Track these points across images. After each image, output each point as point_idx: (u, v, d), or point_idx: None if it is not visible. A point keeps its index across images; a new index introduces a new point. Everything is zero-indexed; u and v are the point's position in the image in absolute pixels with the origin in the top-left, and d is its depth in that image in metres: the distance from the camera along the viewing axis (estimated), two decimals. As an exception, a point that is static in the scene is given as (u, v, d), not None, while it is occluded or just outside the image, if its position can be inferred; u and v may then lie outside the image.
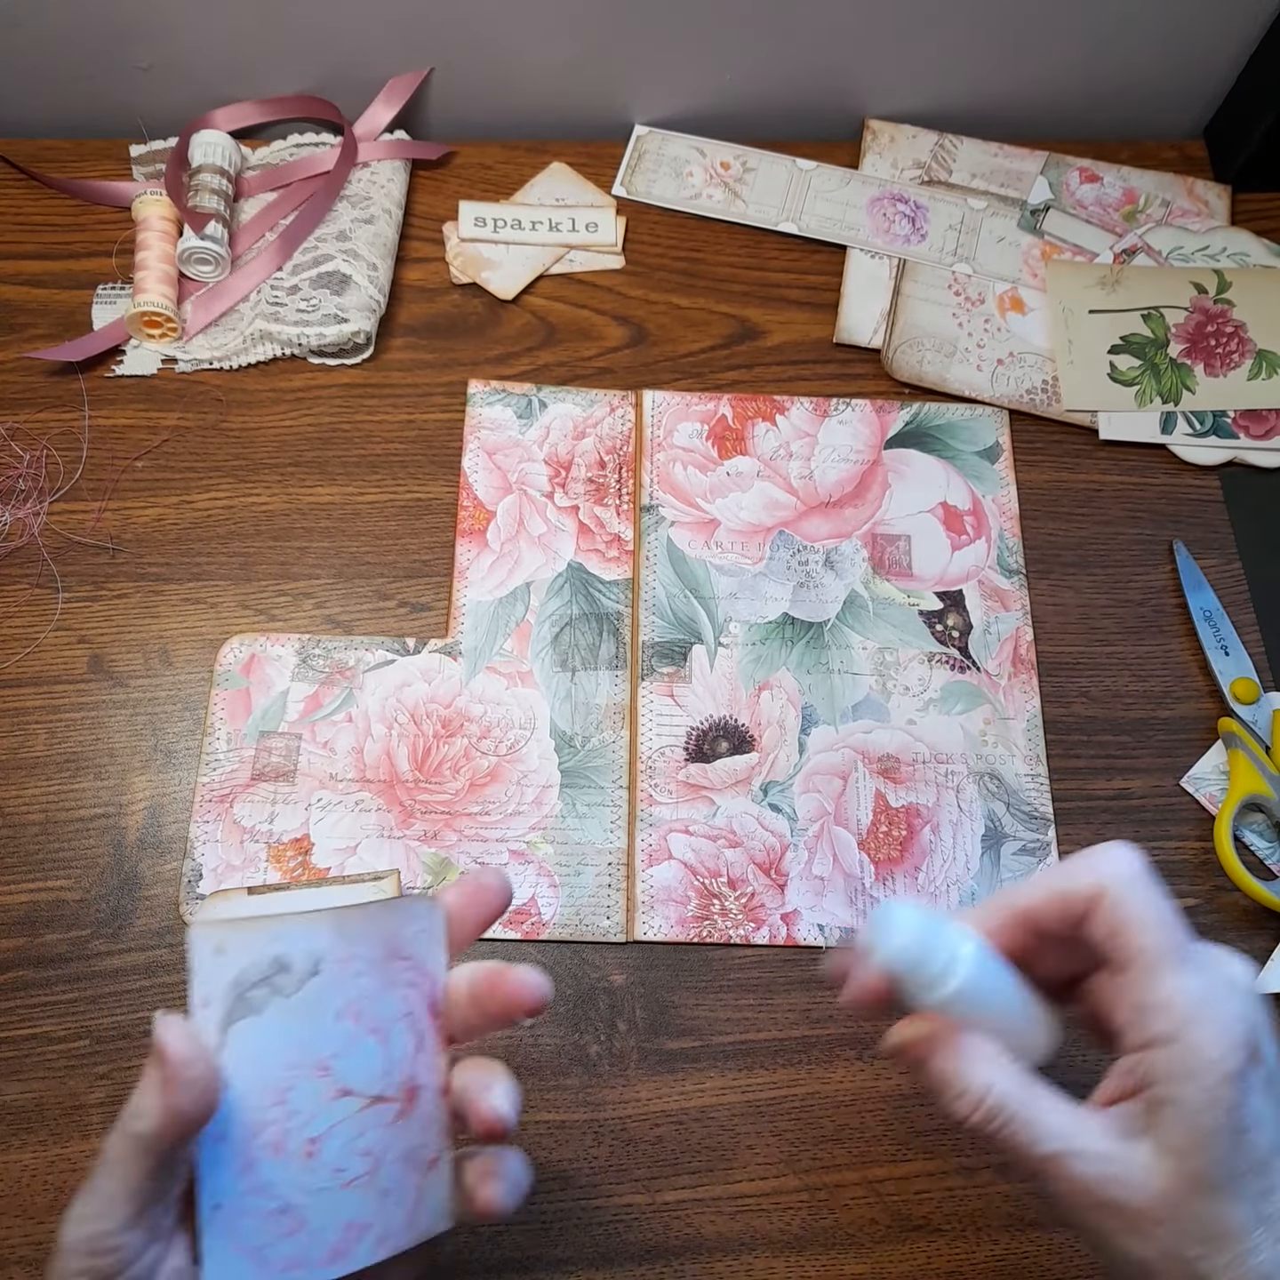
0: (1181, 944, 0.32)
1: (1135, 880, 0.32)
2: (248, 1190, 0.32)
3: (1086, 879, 0.32)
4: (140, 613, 0.58)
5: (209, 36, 0.67)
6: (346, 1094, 0.33)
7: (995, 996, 0.34)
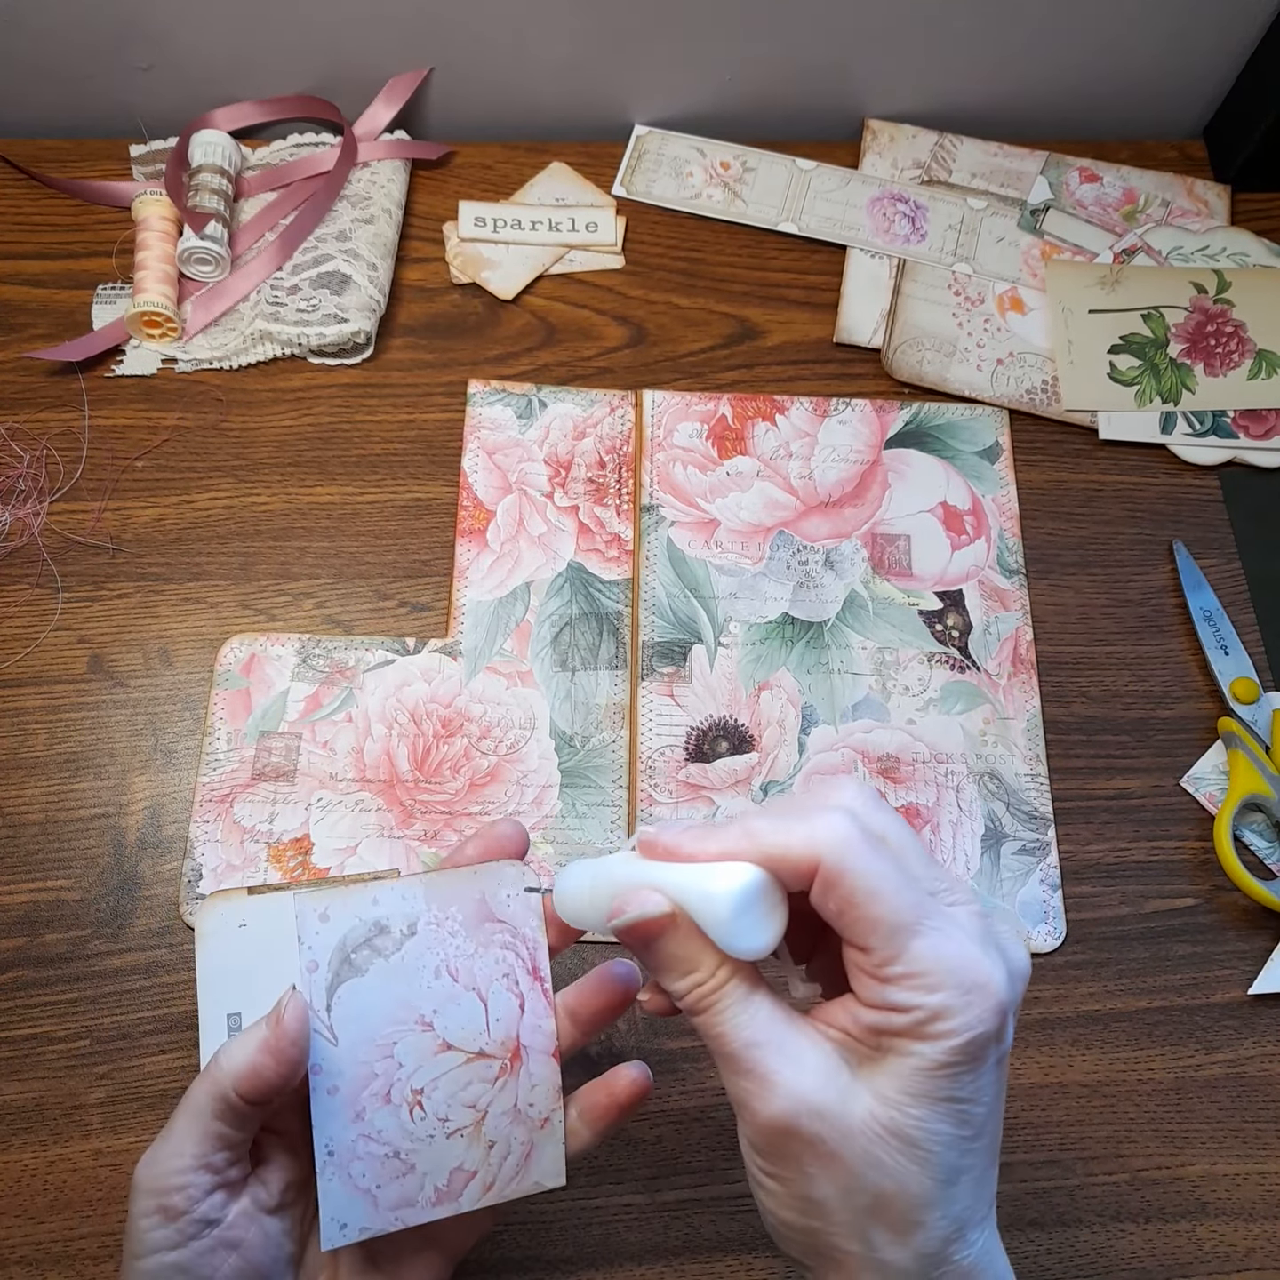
0: (918, 904, 0.29)
1: (852, 847, 0.29)
2: (358, 1136, 0.35)
3: (801, 849, 0.30)
4: (140, 613, 0.58)
5: (209, 36, 0.67)
6: (449, 1048, 0.36)
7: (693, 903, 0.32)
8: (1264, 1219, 0.48)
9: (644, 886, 0.32)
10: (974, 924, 0.30)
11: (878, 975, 0.29)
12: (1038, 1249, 0.47)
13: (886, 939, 0.29)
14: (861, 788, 0.32)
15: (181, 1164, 0.33)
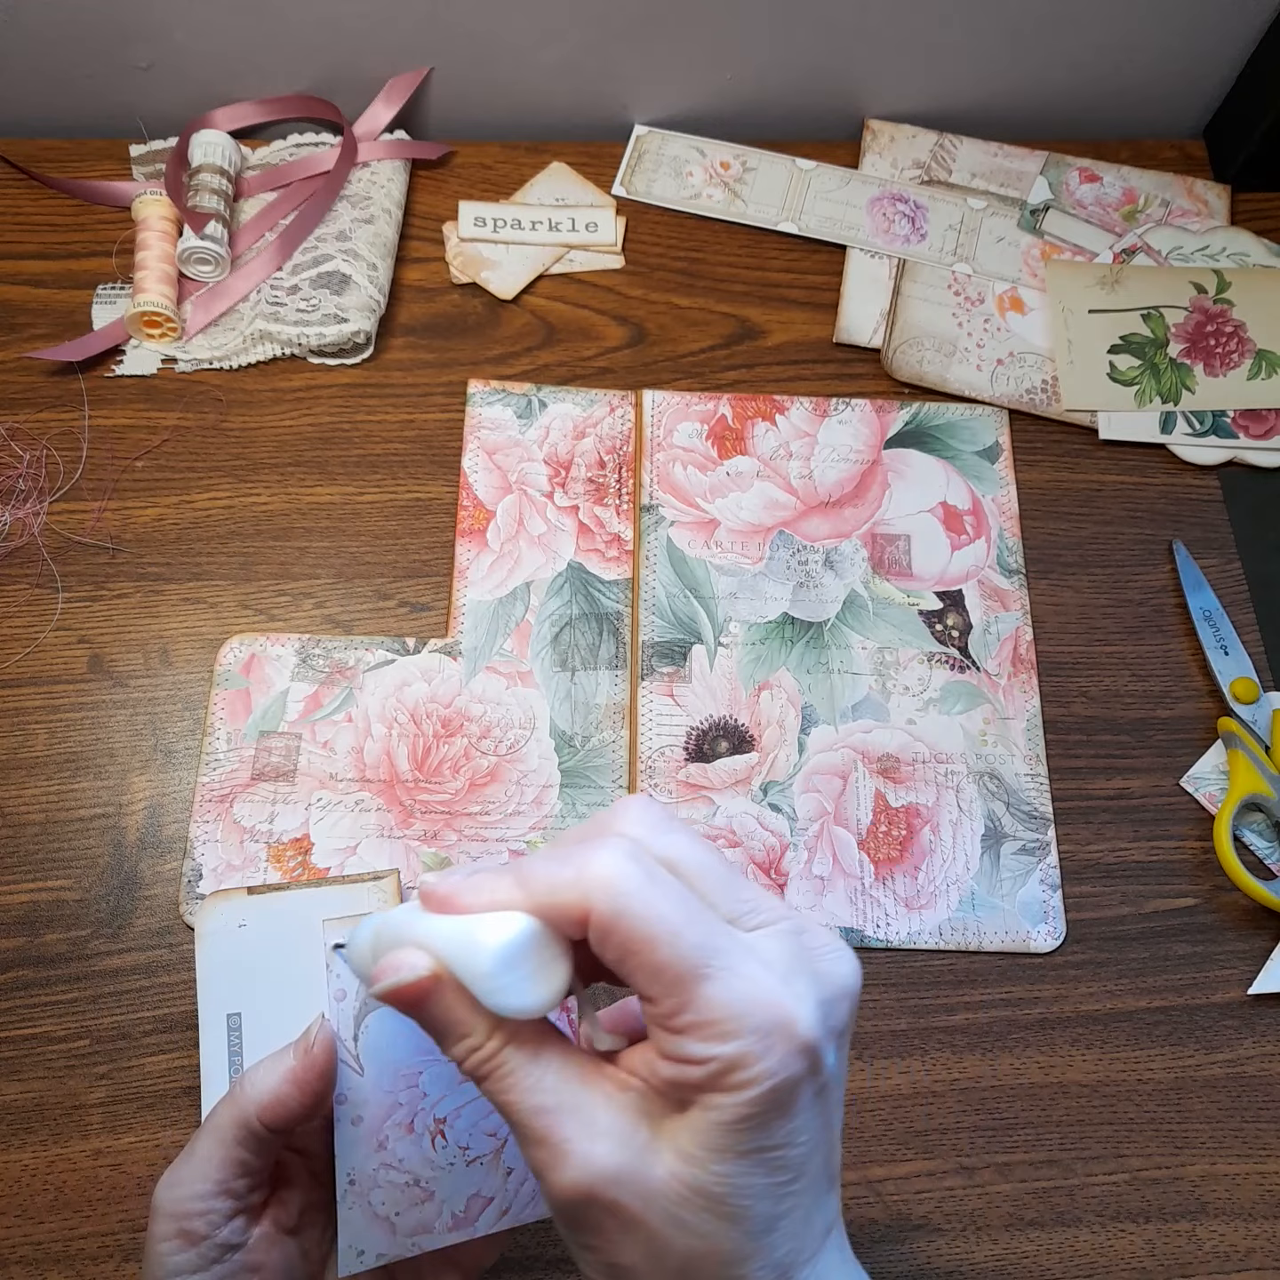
0: (705, 943, 0.26)
1: (625, 886, 0.26)
2: (380, 1165, 0.35)
3: (570, 894, 0.27)
4: (140, 613, 0.58)
5: (209, 36, 0.67)
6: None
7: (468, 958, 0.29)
8: (1264, 1219, 0.48)
9: (408, 944, 0.29)
10: (778, 950, 0.27)
11: (667, 1026, 0.26)
12: (1038, 1249, 0.47)
13: (672, 987, 0.26)
14: (645, 807, 0.29)
15: (203, 1189, 0.33)
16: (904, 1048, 0.51)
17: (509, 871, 0.29)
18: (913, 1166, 0.49)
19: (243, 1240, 0.34)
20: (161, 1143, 0.48)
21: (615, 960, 0.27)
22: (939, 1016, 0.51)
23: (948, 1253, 0.47)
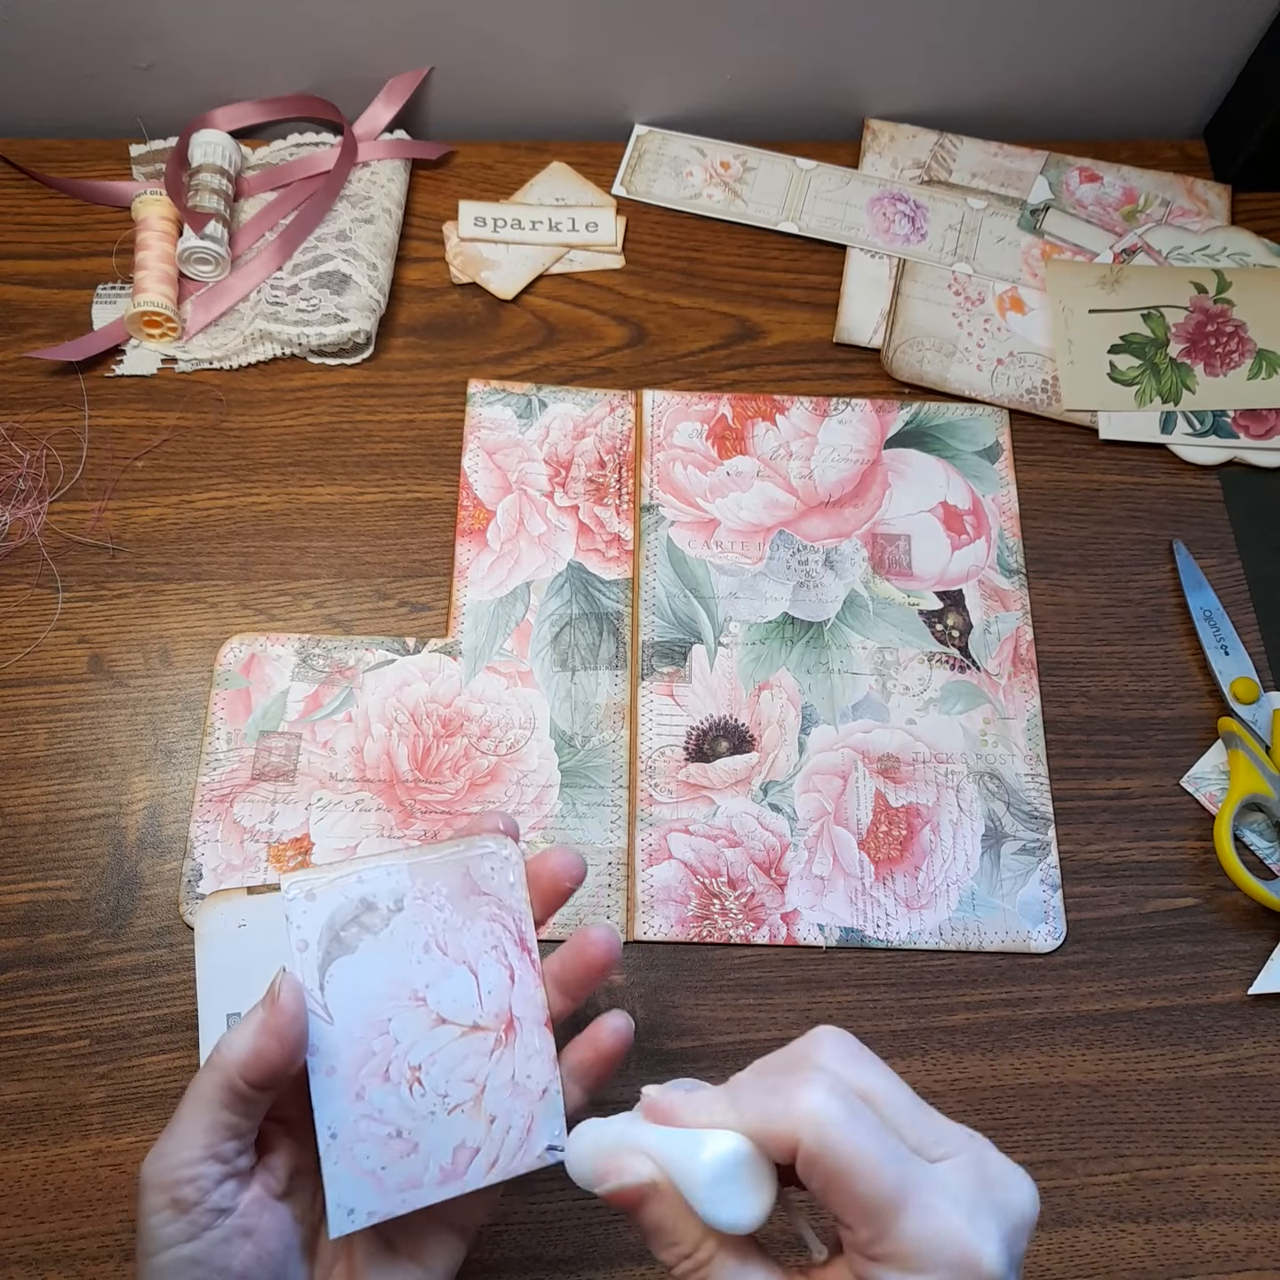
0: (901, 1179, 0.28)
1: (830, 1123, 0.28)
2: (360, 1117, 0.35)
3: (780, 1126, 0.29)
4: (140, 612, 0.58)
5: (209, 36, 0.67)
6: (443, 1022, 0.36)
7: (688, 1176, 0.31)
8: (1264, 1219, 0.48)
9: (632, 1150, 0.32)
10: (964, 1184, 0.29)
11: (865, 1253, 0.28)
12: (1038, 1249, 0.47)
13: (870, 1219, 0.28)
14: (839, 1041, 0.31)
15: (190, 1155, 0.33)
16: (904, 1048, 0.51)
17: (725, 1094, 0.31)
18: (913, 1166, 0.49)
19: (233, 1204, 0.34)
20: (161, 1143, 0.48)
21: (819, 1188, 0.29)
22: (939, 1016, 0.51)
23: (948, 1253, 0.47)
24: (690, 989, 0.51)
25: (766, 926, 0.52)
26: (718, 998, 0.51)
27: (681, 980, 0.51)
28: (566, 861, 0.40)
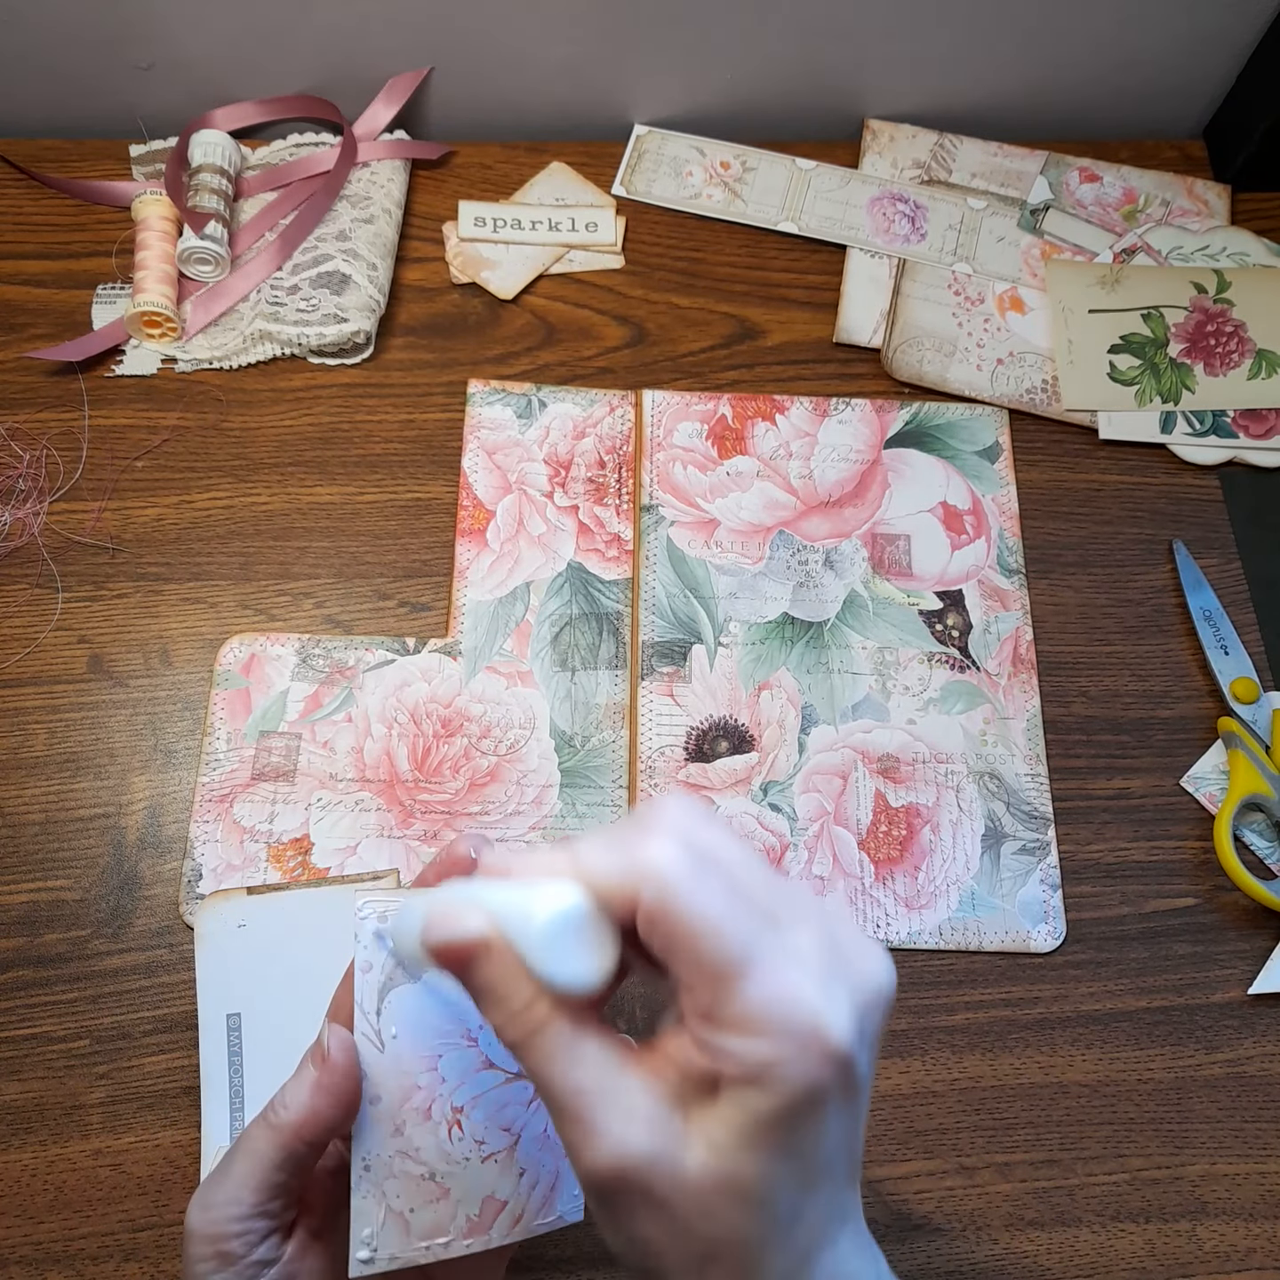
0: (748, 939, 0.27)
1: (674, 878, 0.27)
2: (396, 1152, 0.34)
3: (620, 881, 0.28)
4: (140, 613, 0.58)
5: (209, 36, 0.67)
6: (490, 1067, 0.35)
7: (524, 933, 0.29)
8: (1264, 1219, 0.48)
9: (463, 906, 0.29)
10: (816, 951, 0.27)
11: (706, 1017, 0.27)
12: (1038, 1249, 0.47)
13: (713, 982, 0.26)
14: (688, 804, 0.29)
15: (239, 1211, 0.33)
16: (904, 1048, 0.51)
17: (563, 849, 0.29)
18: (913, 1166, 0.49)
19: (277, 1256, 0.33)
20: (161, 1143, 0.48)
21: (660, 948, 0.27)
22: (939, 1016, 0.51)
23: (948, 1253, 0.47)
24: (690, 989, 0.51)
25: (766, 926, 0.52)
26: (718, 998, 0.51)
27: (681, 980, 0.51)
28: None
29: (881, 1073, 0.50)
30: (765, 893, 0.28)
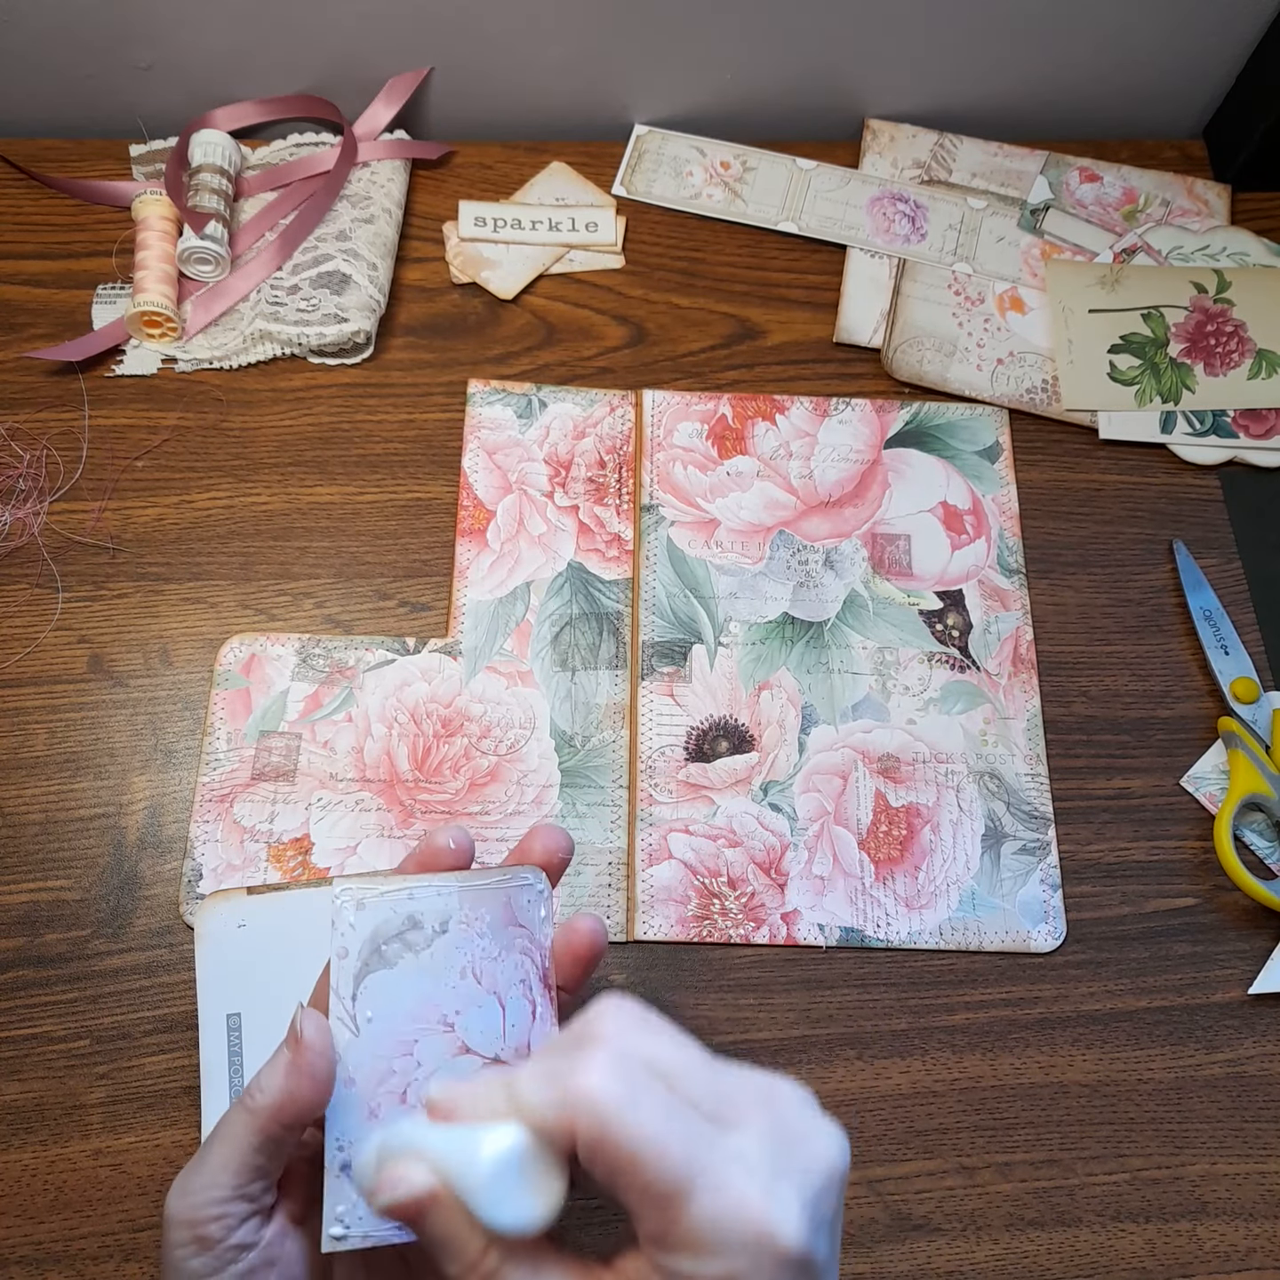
0: (689, 1157, 0.26)
1: (609, 1104, 0.26)
2: (370, 1134, 0.33)
3: (555, 1114, 0.27)
4: (140, 612, 0.58)
5: (209, 36, 0.67)
6: (467, 1052, 0.35)
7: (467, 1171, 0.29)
8: (1264, 1219, 0.48)
9: (409, 1157, 0.29)
10: (759, 1150, 0.27)
11: (658, 1244, 0.27)
12: (1038, 1249, 0.47)
13: (659, 1206, 0.26)
14: (622, 1010, 0.29)
15: (218, 1195, 0.33)
16: (904, 1047, 0.51)
17: (502, 1083, 0.29)
18: (913, 1166, 0.49)
19: (257, 1239, 0.33)
20: (161, 1143, 0.48)
21: (603, 1178, 0.27)
22: (939, 1016, 0.51)
23: (948, 1253, 0.47)
24: (690, 989, 0.51)
25: (766, 926, 0.52)
26: (718, 998, 0.51)
27: (681, 980, 0.51)
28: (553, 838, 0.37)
29: (882, 1072, 0.50)
30: (706, 1094, 0.28)
